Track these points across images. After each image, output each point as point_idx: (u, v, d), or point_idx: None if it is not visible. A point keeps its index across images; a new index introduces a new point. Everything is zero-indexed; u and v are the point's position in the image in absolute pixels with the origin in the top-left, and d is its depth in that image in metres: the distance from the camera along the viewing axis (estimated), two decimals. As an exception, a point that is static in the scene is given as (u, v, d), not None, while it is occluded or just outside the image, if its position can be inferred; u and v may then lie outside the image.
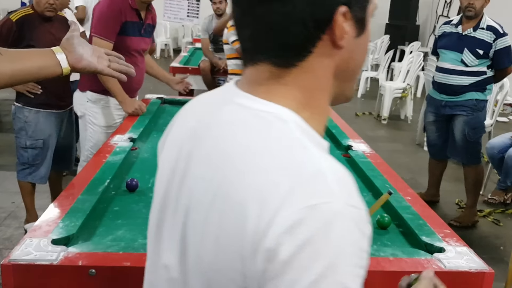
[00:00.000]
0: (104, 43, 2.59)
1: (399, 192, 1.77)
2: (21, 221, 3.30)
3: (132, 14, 2.69)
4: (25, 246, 1.27)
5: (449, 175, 4.29)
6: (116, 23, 2.63)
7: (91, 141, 2.81)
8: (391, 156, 5.01)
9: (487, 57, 3.42)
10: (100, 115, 2.78)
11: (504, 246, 3.34)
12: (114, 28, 2.63)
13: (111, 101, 2.77)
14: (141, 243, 1.37)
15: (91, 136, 2.80)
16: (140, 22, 2.75)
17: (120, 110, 2.80)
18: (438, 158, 3.93)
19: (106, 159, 1.99)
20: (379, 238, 1.49)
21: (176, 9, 10.06)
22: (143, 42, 2.82)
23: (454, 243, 1.40)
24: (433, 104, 3.73)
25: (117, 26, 2.63)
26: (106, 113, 2.79)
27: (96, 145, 2.78)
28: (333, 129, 2.66)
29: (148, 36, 2.88)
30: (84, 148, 2.88)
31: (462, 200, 3.99)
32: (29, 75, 1.23)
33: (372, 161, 2.13)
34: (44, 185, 3.92)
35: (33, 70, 1.22)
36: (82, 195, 1.62)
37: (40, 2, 2.79)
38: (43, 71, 1.23)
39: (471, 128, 3.54)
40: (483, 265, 1.29)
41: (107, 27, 2.62)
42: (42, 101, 2.92)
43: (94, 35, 2.64)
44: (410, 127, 6.54)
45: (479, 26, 3.43)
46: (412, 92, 6.85)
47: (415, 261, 1.30)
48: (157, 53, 11.38)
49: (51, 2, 2.79)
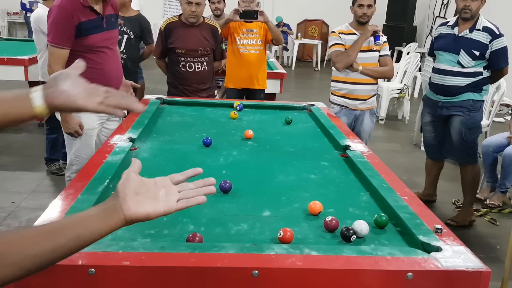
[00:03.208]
0: (59, 51, 2.55)
1: (396, 192, 1.79)
2: (21, 221, 3.31)
3: (86, 13, 2.58)
4: (25, 246, 1.28)
5: (446, 175, 4.32)
6: (69, 29, 2.53)
7: (76, 144, 2.79)
8: (389, 156, 5.03)
9: (483, 58, 3.44)
10: (81, 118, 2.72)
11: (501, 245, 3.36)
12: (67, 34, 2.53)
13: None
14: (141, 243, 1.38)
15: (74, 140, 2.77)
16: (98, 17, 2.64)
17: None
18: (435, 158, 3.95)
19: (106, 159, 2.00)
20: (377, 237, 1.51)
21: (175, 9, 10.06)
22: (108, 35, 2.72)
23: (451, 242, 1.42)
24: (430, 104, 3.75)
25: (70, 31, 2.53)
26: (86, 115, 2.72)
27: (80, 148, 2.78)
28: (331, 129, 2.68)
29: (114, 28, 2.79)
30: (69, 152, 2.86)
31: (458, 199, 4.00)
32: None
33: (369, 161, 2.14)
34: (44, 185, 3.94)
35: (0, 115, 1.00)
36: (82, 195, 1.63)
37: (185, 11, 3.54)
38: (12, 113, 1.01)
39: (467, 128, 3.56)
40: (480, 264, 1.30)
41: (59, 34, 2.54)
42: None
43: (49, 43, 2.58)
44: (407, 127, 6.57)
45: (475, 28, 3.45)
46: (409, 93, 6.88)
47: (412, 260, 1.31)
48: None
49: (193, 9, 3.50)
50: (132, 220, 0.94)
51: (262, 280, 1.24)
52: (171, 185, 1.01)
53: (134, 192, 0.95)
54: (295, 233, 1.45)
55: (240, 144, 2.48)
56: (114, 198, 0.95)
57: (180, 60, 3.65)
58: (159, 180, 1.00)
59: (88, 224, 0.92)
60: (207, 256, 1.28)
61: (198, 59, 3.66)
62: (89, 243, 0.92)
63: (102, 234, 0.92)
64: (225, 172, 2.04)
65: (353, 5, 3.56)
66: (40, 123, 5.28)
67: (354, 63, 3.51)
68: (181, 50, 3.62)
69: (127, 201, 0.94)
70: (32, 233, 0.90)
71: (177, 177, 1.03)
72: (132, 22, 4.29)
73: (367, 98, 3.64)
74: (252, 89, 4.14)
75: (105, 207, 0.94)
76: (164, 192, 0.98)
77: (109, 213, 0.93)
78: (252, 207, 1.71)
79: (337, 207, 1.72)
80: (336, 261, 1.30)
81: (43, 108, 1.01)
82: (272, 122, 2.98)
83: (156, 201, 0.97)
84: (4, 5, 11.86)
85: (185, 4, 3.53)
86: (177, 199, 0.99)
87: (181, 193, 1.00)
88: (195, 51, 3.63)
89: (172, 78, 3.76)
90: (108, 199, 0.97)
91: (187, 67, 3.65)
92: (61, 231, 0.90)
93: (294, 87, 9.09)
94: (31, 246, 0.87)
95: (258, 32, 4.09)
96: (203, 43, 3.65)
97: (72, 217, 0.95)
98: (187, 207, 1.01)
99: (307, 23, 12.71)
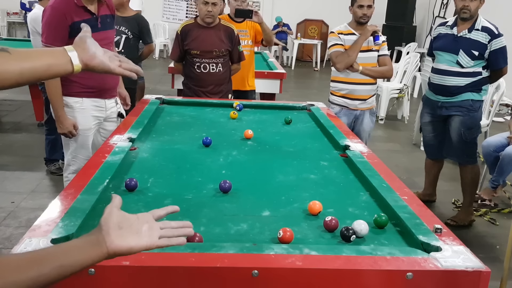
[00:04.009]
0: None
1: (396, 192, 1.79)
2: (20, 221, 3.31)
3: (80, 13, 2.56)
4: (24, 246, 1.28)
5: (446, 174, 4.32)
6: (62, 29, 2.51)
7: (72, 145, 2.78)
8: (388, 156, 5.04)
9: (483, 58, 3.44)
10: (77, 118, 2.71)
11: (500, 245, 3.36)
12: (60, 35, 2.51)
13: (86, 103, 2.72)
14: (141, 243, 1.38)
15: (71, 140, 2.76)
16: (92, 17, 2.63)
17: (97, 112, 2.77)
18: (435, 158, 3.95)
19: (105, 159, 2.00)
20: (376, 237, 1.51)
21: (175, 10, 10.08)
22: (103, 35, 2.69)
23: (450, 242, 1.42)
24: (429, 104, 3.75)
25: (63, 31, 2.51)
26: (82, 116, 2.73)
27: (76, 149, 2.77)
28: (330, 129, 2.68)
29: (109, 28, 2.77)
30: (66, 153, 2.85)
31: (458, 199, 4.01)
32: (39, 73, 1.16)
33: (369, 161, 2.14)
34: (43, 185, 3.94)
35: (42, 68, 1.16)
36: (82, 195, 1.63)
37: (201, 11, 3.51)
38: (53, 69, 1.18)
39: (467, 128, 3.56)
40: (480, 264, 1.31)
41: (52, 35, 2.53)
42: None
43: (43, 43, 2.58)
44: (407, 127, 6.57)
45: (474, 27, 3.45)
46: (409, 93, 6.89)
47: (412, 260, 1.31)
48: (156, 53, 11.38)
49: (209, 9, 3.48)
50: (115, 253, 0.97)
51: (262, 280, 1.24)
52: (153, 221, 1.03)
53: (118, 226, 0.97)
54: (294, 233, 1.45)
55: (240, 144, 2.48)
56: (98, 231, 0.97)
57: (195, 61, 3.62)
58: (141, 215, 1.03)
59: (72, 255, 0.94)
60: (207, 256, 1.28)
61: (213, 60, 3.64)
62: (71, 273, 0.93)
63: (84, 265, 0.94)
64: (224, 172, 2.04)
65: (352, 5, 3.56)
66: (40, 123, 5.28)
67: (354, 63, 3.51)
68: (196, 51, 3.59)
69: (110, 234, 0.96)
70: (15, 260, 0.92)
71: (158, 212, 1.07)
72: (130, 22, 4.29)
73: (367, 98, 3.64)
74: (243, 91, 4.14)
75: (89, 240, 0.97)
76: (147, 227, 1.01)
77: (93, 246, 0.95)
78: (251, 207, 1.71)
79: (337, 207, 1.72)
80: (335, 261, 1.30)
81: (79, 66, 1.19)
82: (271, 122, 2.98)
83: (139, 236, 0.99)
84: (4, 5, 11.85)
85: (201, 4, 3.50)
86: (159, 235, 1.01)
87: (163, 231, 1.03)
88: (210, 52, 3.61)
89: (187, 80, 3.74)
90: (92, 232, 0.99)
91: (201, 68, 3.62)
92: (44, 260, 0.91)
93: (294, 87, 9.09)
94: (13, 273, 0.87)
95: (248, 32, 4.10)
96: (218, 44, 3.64)
97: (56, 247, 0.98)
98: (168, 246, 1.04)
99: (306, 23, 12.71)
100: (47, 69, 1.17)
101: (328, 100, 3.75)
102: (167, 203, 1.69)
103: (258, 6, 12.14)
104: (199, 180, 1.95)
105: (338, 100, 3.66)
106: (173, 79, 4.72)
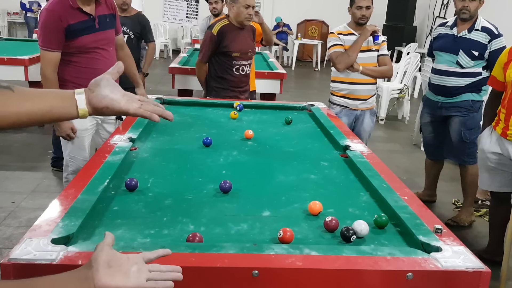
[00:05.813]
0: (50, 54, 2.55)
1: (396, 192, 1.79)
2: (20, 220, 3.31)
3: (75, 15, 2.56)
4: (25, 246, 1.28)
5: (446, 175, 4.32)
6: (57, 32, 2.53)
7: (69, 146, 2.78)
8: (389, 156, 5.04)
9: (482, 58, 3.44)
10: (73, 121, 2.70)
11: (501, 246, 3.36)
12: (56, 38, 2.54)
13: None
14: (140, 243, 1.38)
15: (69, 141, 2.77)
16: (89, 18, 2.62)
17: None
18: (435, 159, 3.95)
19: (106, 159, 2.00)
20: (377, 237, 1.51)
21: (175, 10, 10.06)
22: (101, 36, 2.69)
23: (451, 242, 1.42)
24: (429, 105, 3.75)
25: (59, 34, 2.54)
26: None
27: (73, 150, 2.77)
28: (331, 129, 2.68)
29: (109, 28, 2.74)
30: (65, 153, 2.85)
31: (458, 200, 4.01)
32: (38, 115, 1.12)
33: (369, 161, 2.14)
34: (44, 185, 3.94)
35: (43, 110, 1.11)
36: (82, 195, 1.63)
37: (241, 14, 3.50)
38: (55, 112, 1.13)
39: (467, 128, 3.56)
40: (480, 265, 1.31)
41: (48, 38, 2.55)
42: None
43: (40, 47, 2.59)
44: (407, 127, 6.57)
45: (474, 28, 3.46)
46: (409, 93, 6.89)
47: (412, 261, 1.31)
48: (157, 53, 11.40)
49: (250, 12, 3.48)
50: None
51: (262, 280, 1.24)
52: (143, 263, 1.03)
53: (107, 265, 0.98)
54: (295, 233, 1.45)
55: (240, 144, 2.48)
56: (88, 267, 0.98)
57: (234, 64, 3.60)
58: (132, 256, 1.03)
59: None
60: (207, 256, 1.28)
61: (248, 61, 3.67)
62: None
63: None
64: (225, 172, 2.04)
65: (350, 6, 3.56)
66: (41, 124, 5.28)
67: (355, 63, 3.51)
68: (237, 53, 3.57)
69: (99, 271, 0.96)
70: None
71: (148, 255, 1.07)
72: (132, 21, 4.29)
73: (367, 98, 3.64)
74: None
75: (78, 274, 0.97)
76: (136, 268, 1.01)
77: (81, 281, 0.96)
78: (252, 207, 1.71)
79: (337, 207, 1.72)
80: (336, 261, 1.30)
81: (86, 111, 1.16)
82: (272, 122, 2.98)
83: (127, 276, 0.99)
84: (4, 5, 11.87)
85: (242, 7, 3.50)
86: (147, 278, 1.01)
87: (151, 274, 1.02)
88: (246, 53, 3.63)
89: (220, 81, 3.67)
90: (81, 267, 0.99)
91: (240, 71, 3.62)
92: None
93: (294, 87, 9.09)
94: None
95: None
96: (251, 44, 3.65)
97: (44, 279, 0.98)
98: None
99: (307, 23, 12.72)
100: (49, 111, 1.13)
101: (329, 100, 3.75)
102: (167, 203, 1.69)
103: (258, 6, 12.14)
104: (200, 180, 1.95)
105: (339, 100, 3.66)
106: (173, 79, 4.72)
